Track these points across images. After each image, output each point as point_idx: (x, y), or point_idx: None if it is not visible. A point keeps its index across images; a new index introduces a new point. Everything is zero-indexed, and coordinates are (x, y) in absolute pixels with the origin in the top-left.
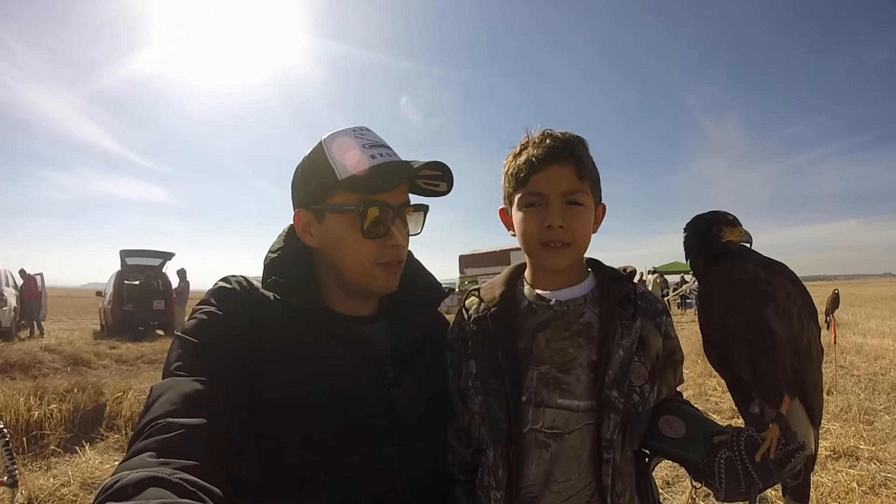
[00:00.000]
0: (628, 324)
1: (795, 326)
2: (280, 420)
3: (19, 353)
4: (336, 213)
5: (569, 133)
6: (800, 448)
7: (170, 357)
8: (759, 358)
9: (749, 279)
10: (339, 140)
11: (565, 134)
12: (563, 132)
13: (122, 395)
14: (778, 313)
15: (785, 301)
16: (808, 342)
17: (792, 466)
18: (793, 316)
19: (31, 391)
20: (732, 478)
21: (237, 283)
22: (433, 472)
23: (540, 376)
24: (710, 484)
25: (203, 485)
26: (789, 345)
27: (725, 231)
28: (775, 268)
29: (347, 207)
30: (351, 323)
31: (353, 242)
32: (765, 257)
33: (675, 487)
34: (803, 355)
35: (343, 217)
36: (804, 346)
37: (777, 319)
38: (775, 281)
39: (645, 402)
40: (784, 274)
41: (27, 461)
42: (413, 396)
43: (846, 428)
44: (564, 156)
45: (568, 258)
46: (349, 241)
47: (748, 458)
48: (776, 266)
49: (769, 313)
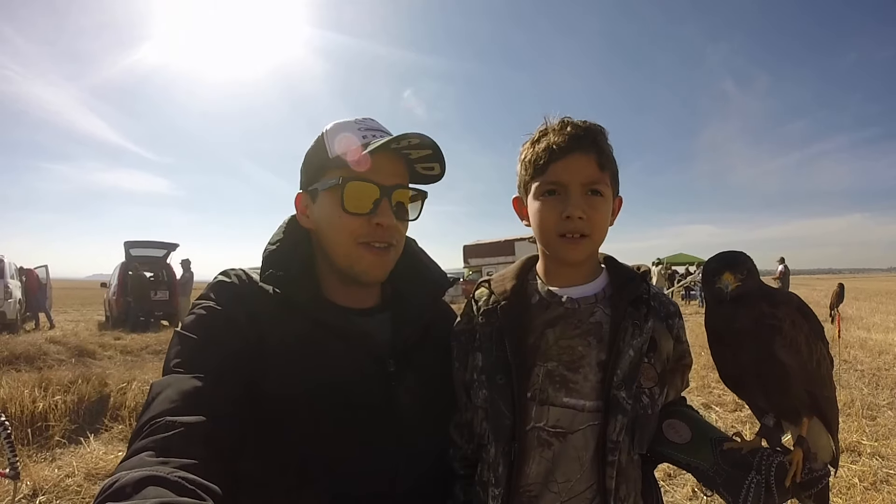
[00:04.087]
0: (640, 324)
1: (804, 354)
2: (280, 416)
3: (24, 345)
4: (325, 190)
5: (589, 121)
6: (825, 475)
7: (169, 353)
8: (773, 388)
9: (754, 317)
10: (337, 125)
11: (586, 122)
12: (583, 120)
13: (127, 386)
14: (787, 346)
15: (791, 332)
16: (818, 364)
17: (815, 490)
18: (801, 344)
19: (36, 382)
20: (756, 500)
21: (236, 276)
22: (434, 468)
23: (546, 373)
24: (726, 497)
25: (202, 483)
26: (801, 373)
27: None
28: (778, 298)
29: (331, 182)
30: (351, 315)
31: (336, 218)
32: (766, 287)
33: (675, 480)
34: (815, 379)
35: (329, 193)
36: (815, 369)
37: (787, 352)
38: (780, 313)
39: (654, 405)
40: (788, 303)
41: (32, 452)
42: (414, 391)
43: (849, 423)
44: (586, 144)
45: (585, 250)
46: (334, 217)
47: (776, 483)
48: (779, 296)
49: (777, 347)
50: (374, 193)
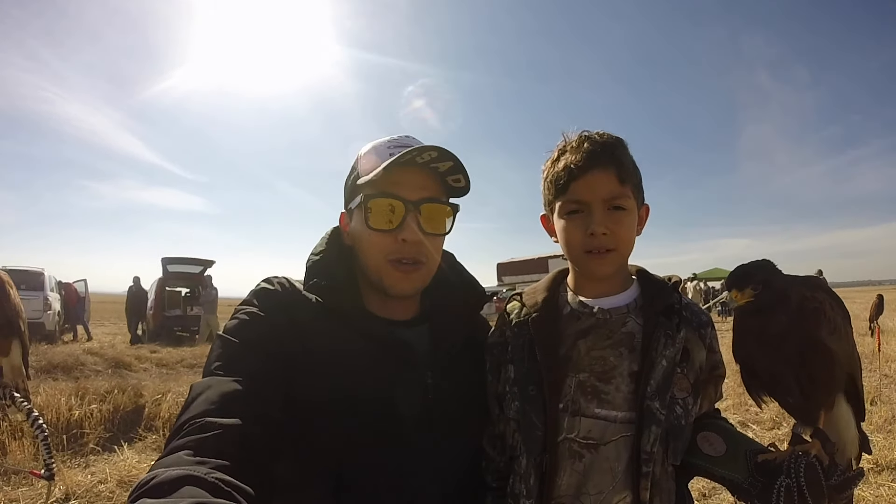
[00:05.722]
0: (672, 334)
1: (844, 338)
2: (316, 422)
3: (62, 356)
4: (355, 208)
5: (607, 134)
6: (859, 475)
7: (210, 356)
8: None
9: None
10: (371, 145)
11: (603, 135)
12: (601, 133)
13: (161, 398)
14: (832, 332)
15: (832, 315)
16: (853, 348)
17: (850, 492)
18: (840, 328)
19: (73, 391)
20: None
21: (279, 284)
22: (467, 479)
23: (578, 384)
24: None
25: (238, 485)
26: (844, 357)
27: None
28: (811, 282)
29: (359, 202)
30: (391, 327)
31: (367, 237)
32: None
33: (711, 500)
34: (855, 362)
35: (357, 211)
36: (853, 352)
37: (833, 338)
38: (820, 296)
39: (688, 415)
40: (821, 287)
41: (67, 458)
42: (451, 402)
43: (889, 440)
44: (604, 160)
45: (613, 264)
46: (364, 235)
47: (807, 485)
48: (810, 280)
49: (824, 333)
50: (399, 208)
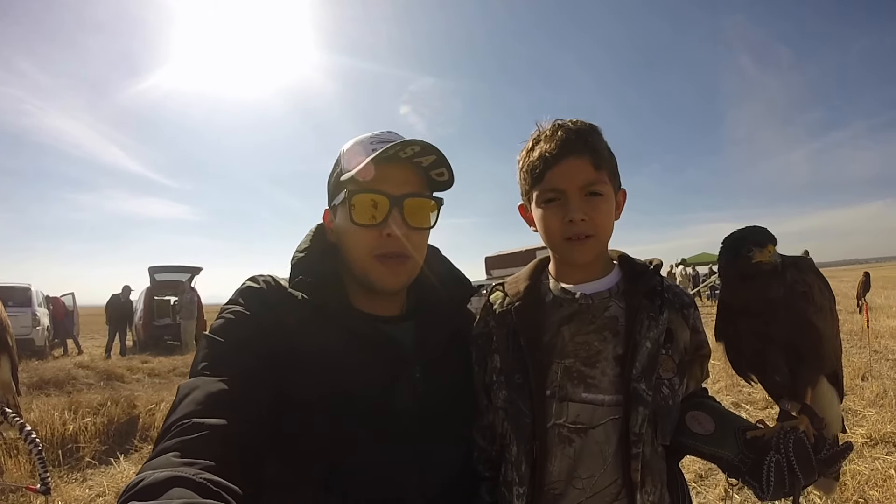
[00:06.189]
0: (655, 316)
1: (829, 318)
2: (304, 421)
3: (53, 371)
4: (339, 204)
5: (580, 121)
6: (847, 448)
7: (197, 356)
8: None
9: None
10: (353, 142)
11: (577, 123)
12: (574, 121)
13: (155, 408)
14: (818, 312)
15: (820, 297)
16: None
17: (838, 466)
18: (827, 310)
19: (66, 406)
20: (779, 479)
21: (264, 282)
22: (459, 471)
23: (564, 370)
24: (752, 484)
25: (227, 485)
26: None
27: (755, 252)
28: (801, 264)
29: (342, 198)
30: (378, 323)
31: (351, 232)
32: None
33: (707, 481)
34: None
35: (341, 207)
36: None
37: (819, 318)
38: (809, 279)
39: (675, 395)
40: (810, 268)
41: (63, 473)
42: (439, 397)
43: (882, 414)
44: (578, 147)
45: (593, 250)
46: (349, 231)
47: (796, 459)
48: (801, 262)
49: (812, 314)
50: (383, 203)
